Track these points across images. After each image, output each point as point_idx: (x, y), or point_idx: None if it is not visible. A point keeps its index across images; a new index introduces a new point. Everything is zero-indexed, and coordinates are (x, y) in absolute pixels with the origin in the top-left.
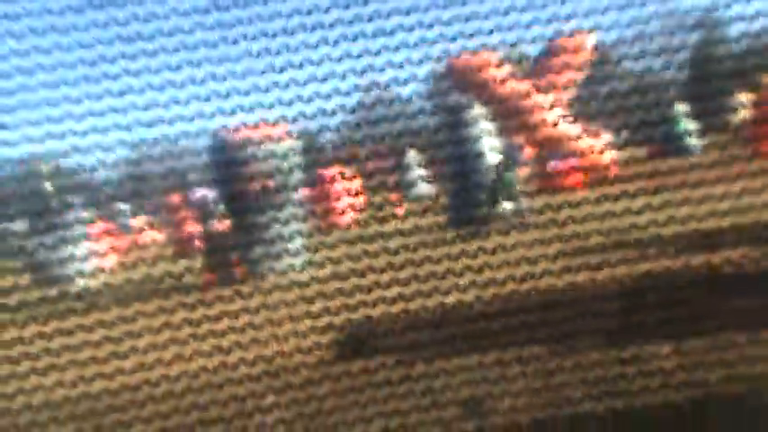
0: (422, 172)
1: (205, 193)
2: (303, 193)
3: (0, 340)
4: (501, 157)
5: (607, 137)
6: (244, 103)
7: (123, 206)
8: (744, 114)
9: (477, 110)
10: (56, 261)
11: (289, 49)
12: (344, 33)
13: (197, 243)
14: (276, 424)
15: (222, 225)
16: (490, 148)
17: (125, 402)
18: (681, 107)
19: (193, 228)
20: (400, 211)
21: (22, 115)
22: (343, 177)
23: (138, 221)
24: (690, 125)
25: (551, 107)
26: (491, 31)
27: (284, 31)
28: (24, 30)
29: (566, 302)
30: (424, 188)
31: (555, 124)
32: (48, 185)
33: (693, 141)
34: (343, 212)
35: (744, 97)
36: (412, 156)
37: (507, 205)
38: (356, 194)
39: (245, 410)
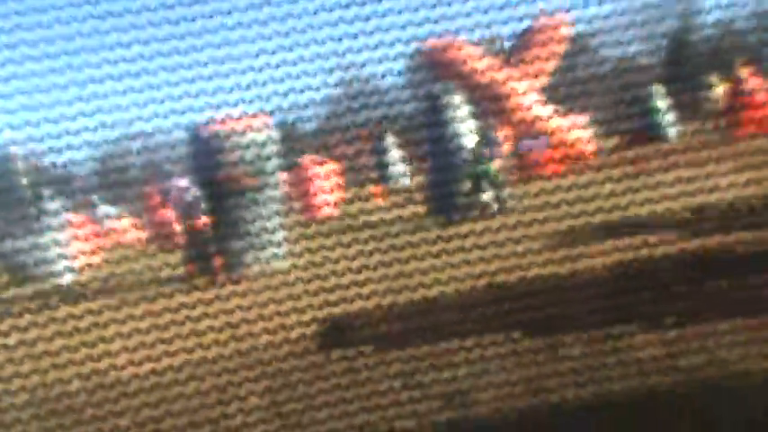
0: (401, 161)
1: (184, 186)
2: (282, 183)
3: None
4: (477, 144)
5: (583, 122)
6: (221, 96)
7: (101, 201)
8: (718, 101)
9: (455, 96)
10: (32, 258)
11: (263, 38)
12: (321, 23)
13: (176, 237)
14: (257, 410)
15: (201, 219)
16: (468, 134)
17: (108, 396)
18: (657, 93)
19: (173, 222)
20: (380, 201)
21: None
22: (322, 166)
23: (117, 216)
24: (666, 112)
25: (528, 93)
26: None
27: (257, 22)
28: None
29: (548, 290)
30: (404, 177)
31: (531, 110)
32: (24, 181)
33: (669, 127)
34: (322, 202)
35: (718, 85)
36: (390, 144)
37: (487, 193)
38: (335, 184)
39: (227, 398)
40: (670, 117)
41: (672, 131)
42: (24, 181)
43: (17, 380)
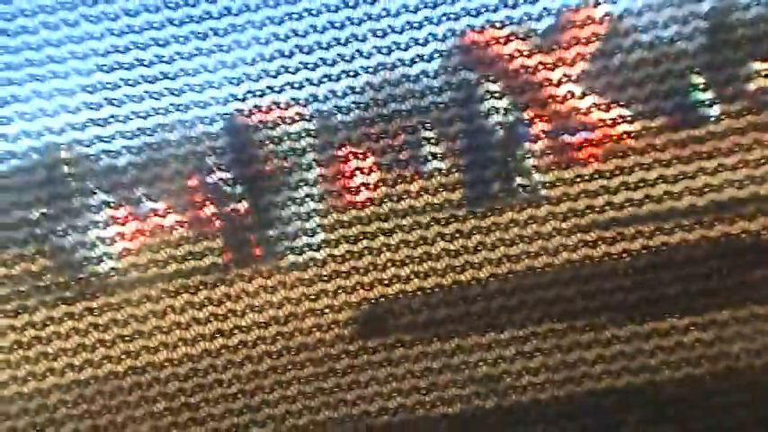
0: (435, 149)
1: (222, 175)
2: (317, 172)
3: (29, 322)
4: (511, 132)
5: (620, 109)
6: (256, 87)
7: (142, 191)
8: (759, 82)
9: (488, 86)
10: (76, 246)
11: (297, 33)
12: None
13: (216, 224)
14: (296, 398)
15: (239, 206)
16: (502, 123)
17: (148, 379)
18: (694, 77)
19: (211, 210)
20: (414, 188)
21: (37, 104)
22: (357, 156)
23: (157, 205)
24: (704, 94)
25: (562, 81)
26: (495, 9)
27: (291, 16)
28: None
29: (583, 277)
30: (438, 165)
31: (566, 98)
32: (67, 171)
33: (708, 110)
34: (357, 191)
35: (759, 65)
36: (426, 133)
37: (521, 180)
38: (370, 172)
39: (265, 386)
40: (708, 97)
41: (711, 113)
42: (69, 172)
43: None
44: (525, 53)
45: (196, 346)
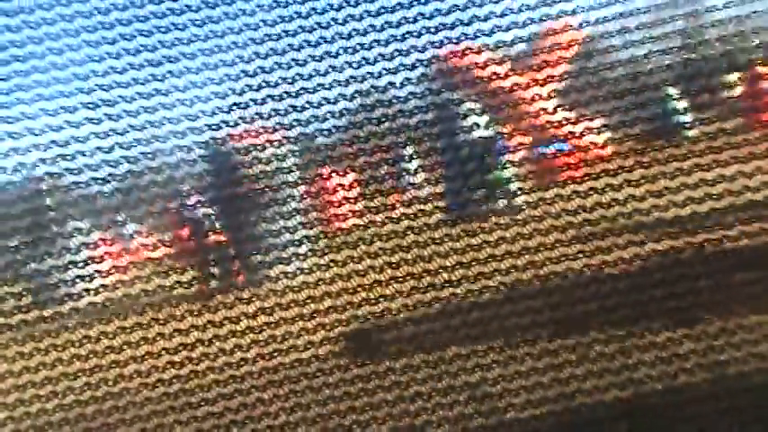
0: (418, 169)
1: (200, 203)
2: (301, 196)
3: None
4: (491, 148)
5: (598, 124)
6: (238, 112)
7: (122, 219)
8: (735, 100)
9: (469, 104)
10: (57, 277)
11: (277, 52)
12: (334, 35)
13: (198, 251)
14: (284, 426)
15: (218, 236)
16: (482, 140)
17: (131, 403)
18: (671, 89)
19: (191, 239)
20: (399, 209)
21: (18, 130)
22: (341, 177)
23: (137, 234)
24: (680, 106)
25: (541, 97)
26: (477, 31)
27: (271, 37)
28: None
29: (572, 292)
30: (422, 184)
31: (546, 114)
32: (48, 201)
33: (685, 122)
34: (343, 214)
35: (735, 85)
36: (408, 152)
37: (503, 196)
38: (354, 194)
39: (253, 415)
40: (686, 117)
41: (688, 131)
42: (49, 201)
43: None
44: (505, 71)
45: (182, 369)
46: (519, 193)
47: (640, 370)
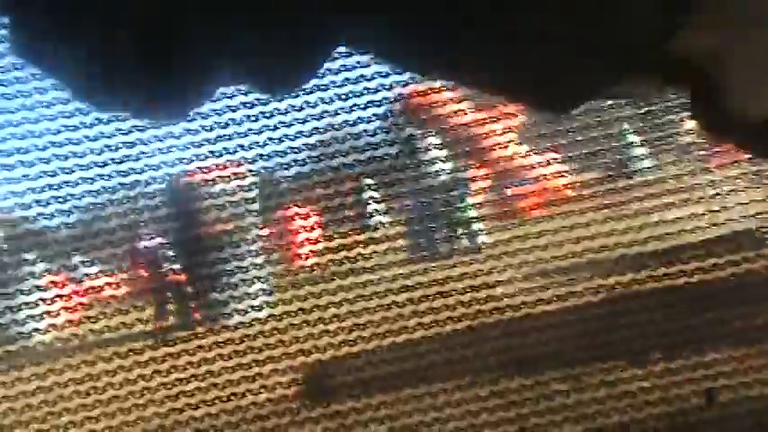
0: (381, 205)
1: (156, 242)
2: (261, 233)
3: None
4: (453, 186)
5: (559, 160)
6: (197, 150)
7: (77, 259)
8: (693, 134)
9: (431, 139)
10: (9, 318)
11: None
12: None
13: (155, 289)
14: None
15: (175, 275)
16: (444, 177)
17: None
18: (630, 128)
19: (146, 278)
20: (360, 247)
21: None
22: (301, 214)
23: (93, 274)
24: (639, 146)
25: (503, 133)
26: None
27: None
28: None
29: (534, 329)
30: (384, 221)
31: (507, 150)
32: (1, 242)
33: (644, 161)
34: (302, 252)
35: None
36: (370, 189)
37: (465, 233)
38: (316, 230)
39: None
40: (644, 151)
41: (647, 166)
42: (2, 242)
43: None
44: (467, 108)
45: (133, 412)
46: (480, 231)
47: (605, 405)
